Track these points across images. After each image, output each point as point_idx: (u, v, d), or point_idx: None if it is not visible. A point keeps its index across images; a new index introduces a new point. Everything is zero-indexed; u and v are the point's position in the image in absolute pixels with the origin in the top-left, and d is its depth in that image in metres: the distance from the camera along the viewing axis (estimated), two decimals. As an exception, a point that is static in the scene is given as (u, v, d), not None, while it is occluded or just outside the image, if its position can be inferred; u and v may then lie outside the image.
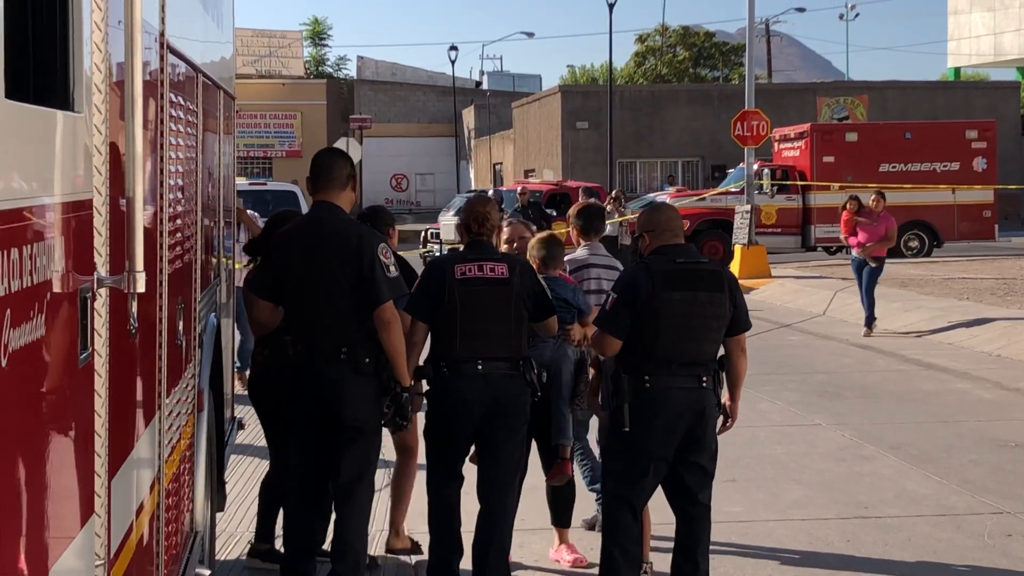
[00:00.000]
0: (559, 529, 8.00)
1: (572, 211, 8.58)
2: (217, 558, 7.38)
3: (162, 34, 4.54)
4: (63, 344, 2.97)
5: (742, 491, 9.58)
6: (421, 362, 7.04)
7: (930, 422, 12.36)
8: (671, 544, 6.87)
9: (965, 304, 21.01)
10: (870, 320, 19.12)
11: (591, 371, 7.40)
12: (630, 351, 6.56)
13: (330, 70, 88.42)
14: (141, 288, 3.25)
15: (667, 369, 6.52)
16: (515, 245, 7.76)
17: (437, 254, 27.97)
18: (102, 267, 3.31)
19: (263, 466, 9.18)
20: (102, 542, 3.32)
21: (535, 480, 7.93)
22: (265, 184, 27.52)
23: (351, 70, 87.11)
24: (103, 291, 3.31)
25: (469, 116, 75.41)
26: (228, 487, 8.11)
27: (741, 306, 6.73)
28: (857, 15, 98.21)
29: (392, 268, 6.49)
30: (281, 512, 7.37)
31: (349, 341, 6.45)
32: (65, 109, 3.04)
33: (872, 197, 19.29)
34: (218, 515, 7.43)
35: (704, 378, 6.57)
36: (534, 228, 8.34)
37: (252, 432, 10.32)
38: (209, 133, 6.64)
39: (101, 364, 3.32)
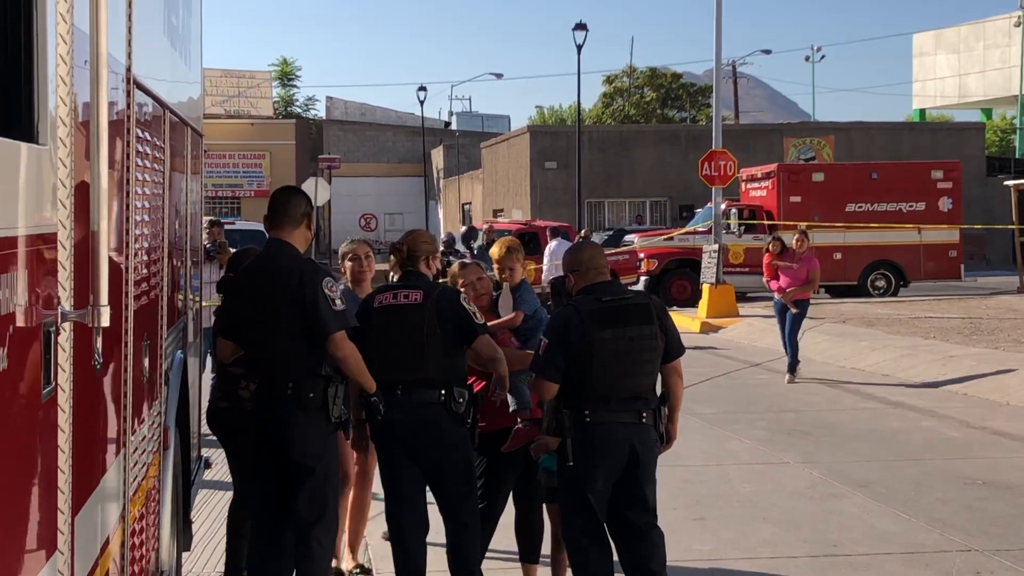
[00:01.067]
0: (525, 565, 7.88)
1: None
2: (182, 598, 7.31)
3: (128, 69, 4.52)
4: (25, 378, 2.93)
5: (711, 530, 9.56)
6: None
7: (898, 460, 12.37)
8: None
9: (932, 343, 21.09)
10: (793, 366, 18.17)
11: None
12: (569, 388, 6.72)
13: (299, 110, 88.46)
14: (105, 322, 3.23)
15: (606, 405, 6.67)
16: (477, 288, 7.85)
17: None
18: (66, 301, 3.29)
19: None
20: (64, 580, 3.28)
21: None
22: (234, 223, 27.46)
23: (320, 110, 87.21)
24: (67, 325, 3.28)
25: (438, 156, 75.50)
26: (195, 526, 8.07)
27: (672, 334, 6.91)
28: (823, 57, 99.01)
29: (338, 301, 6.60)
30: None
31: (294, 377, 6.57)
32: (30, 141, 3.01)
33: (795, 237, 18.49)
34: (184, 555, 7.38)
35: (644, 414, 6.73)
36: (484, 268, 8.30)
37: (219, 470, 10.24)
38: (176, 170, 6.61)
39: (64, 399, 3.28)
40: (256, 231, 25.76)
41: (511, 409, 7.58)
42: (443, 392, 7.00)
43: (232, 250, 12.60)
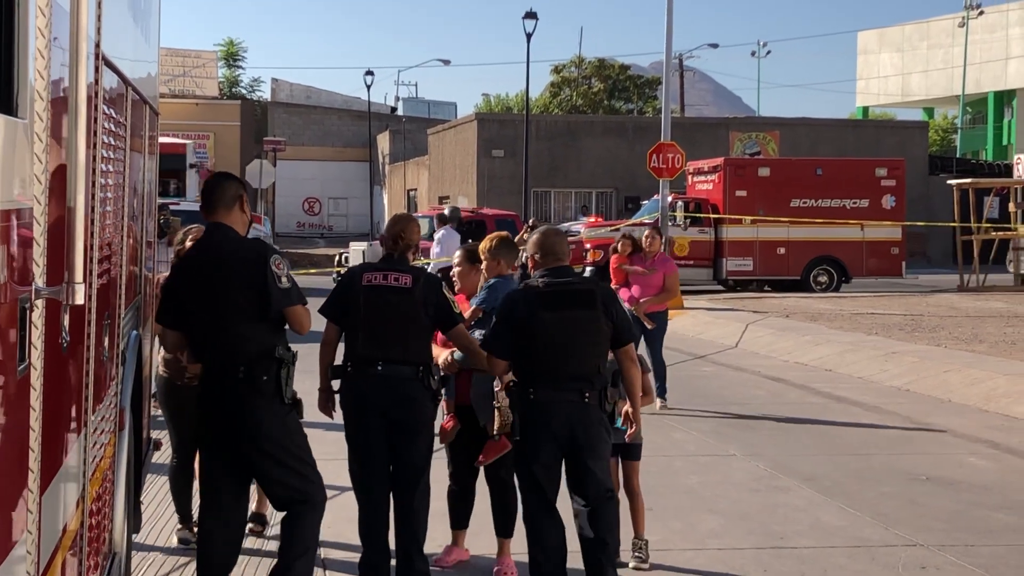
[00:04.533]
0: (501, 540, 8.25)
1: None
2: (131, 580, 7.26)
3: (98, 45, 4.47)
4: (3, 353, 2.89)
5: (658, 519, 9.57)
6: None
7: (842, 454, 12.47)
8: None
9: (874, 339, 21.26)
10: (662, 391, 14.62)
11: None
12: (519, 367, 7.23)
13: (244, 92, 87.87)
14: (80, 300, 3.19)
15: (551, 383, 7.12)
16: (470, 277, 8.41)
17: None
18: (40, 278, 3.24)
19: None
20: (32, 559, 3.24)
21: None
22: (178, 203, 27.25)
23: (265, 92, 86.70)
24: (40, 302, 3.24)
25: (384, 141, 75.29)
26: (142, 508, 8.02)
27: (621, 319, 7.29)
28: (768, 52, 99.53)
29: (284, 279, 6.70)
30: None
31: (246, 360, 6.65)
32: (9, 114, 2.97)
33: (646, 233, 15.02)
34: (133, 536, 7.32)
35: (587, 393, 7.11)
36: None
37: (164, 453, 10.17)
38: (136, 149, 6.55)
39: (36, 377, 3.24)
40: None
41: (482, 424, 7.97)
42: (421, 369, 7.42)
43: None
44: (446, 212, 27.99)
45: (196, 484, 8.52)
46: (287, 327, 6.82)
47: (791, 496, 10.66)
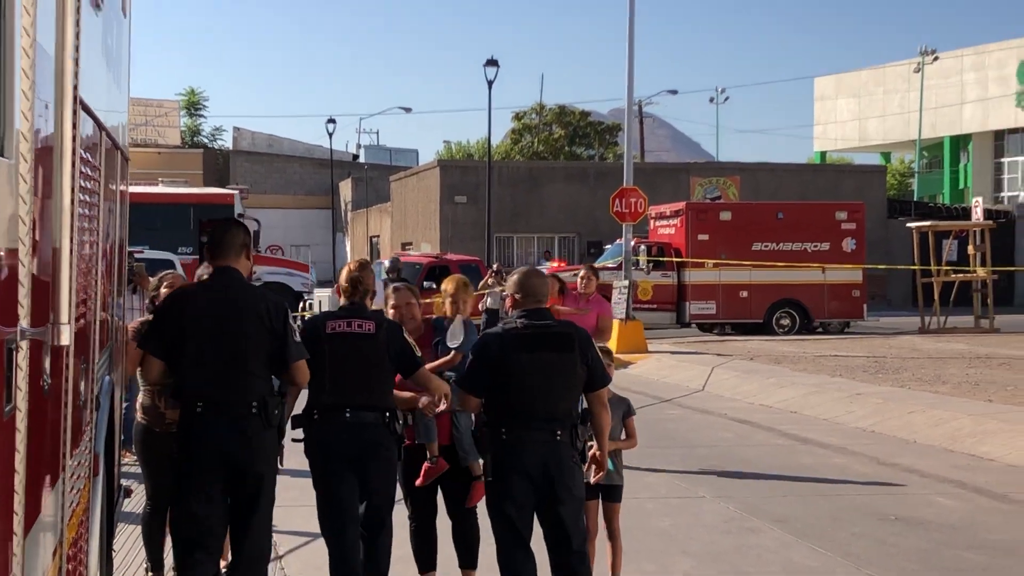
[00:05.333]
0: (466, 572, 8.41)
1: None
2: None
3: (75, 87, 4.46)
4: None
5: (632, 562, 9.56)
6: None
7: (811, 495, 12.49)
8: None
9: (838, 381, 21.35)
10: None
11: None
12: (491, 406, 7.24)
13: (205, 141, 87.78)
14: (66, 341, 3.18)
15: (523, 423, 7.14)
16: (402, 311, 8.29)
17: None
18: (24, 319, 3.23)
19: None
20: (17, 603, 3.22)
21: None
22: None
23: (227, 141, 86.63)
24: (24, 344, 3.22)
25: (346, 189, 75.31)
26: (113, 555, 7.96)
27: (595, 364, 7.33)
28: (727, 98, 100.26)
29: (297, 334, 7.12)
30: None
31: (258, 396, 6.93)
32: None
33: (582, 274, 14.14)
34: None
35: (559, 432, 7.14)
36: (419, 296, 8.69)
37: (135, 501, 10.10)
38: (109, 194, 6.54)
39: (21, 419, 3.22)
40: (164, 260, 25.66)
41: (417, 441, 8.14)
42: (387, 415, 7.56)
43: (150, 278, 12.51)
44: (386, 263, 27.90)
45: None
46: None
47: (762, 537, 10.67)
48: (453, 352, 8.21)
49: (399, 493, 8.11)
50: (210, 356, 6.92)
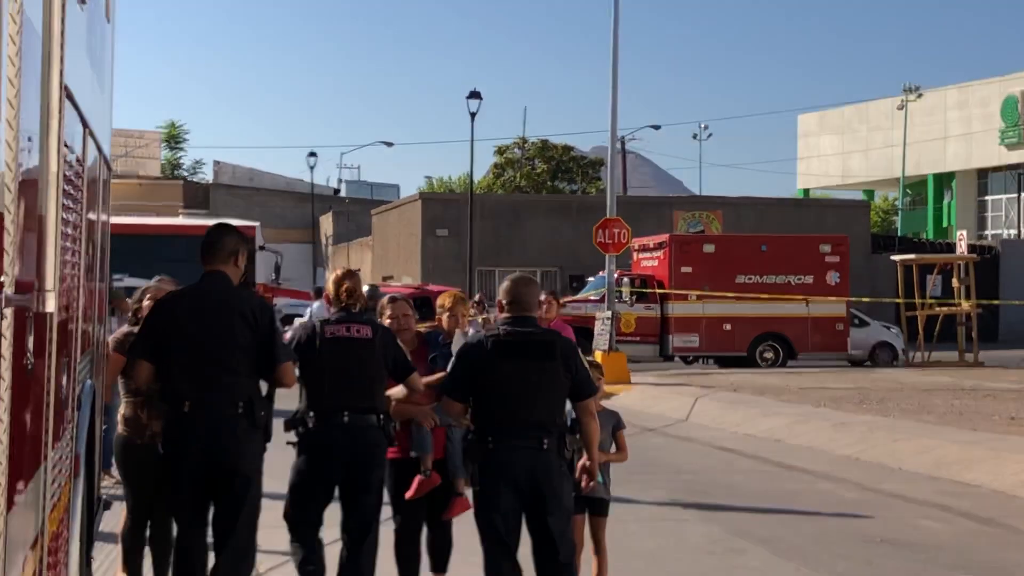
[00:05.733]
0: (437, 575, 8.50)
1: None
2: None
3: (61, 73, 4.40)
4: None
5: (616, 581, 9.49)
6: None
7: (796, 519, 12.43)
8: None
9: (823, 411, 21.31)
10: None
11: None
12: (477, 415, 7.23)
13: (185, 174, 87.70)
14: (51, 308, 3.11)
15: (508, 432, 7.10)
16: (399, 322, 8.34)
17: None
18: (9, 287, 3.16)
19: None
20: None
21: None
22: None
23: (207, 174, 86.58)
24: (8, 312, 3.15)
25: (327, 223, 75.18)
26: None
27: (581, 373, 7.28)
28: (710, 135, 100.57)
29: (283, 336, 7.23)
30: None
31: (246, 397, 7.00)
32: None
33: (543, 298, 11.73)
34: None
35: (545, 441, 7.08)
36: (414, 309, 8.74)
37: (113, 522, 9.99)
38: (92, 193, 6.48)
39: (4, 388, 3.15)
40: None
41: (411, 455, 8.17)
42: (381, 417, 7.67)
43: (128, 300, 12.44)
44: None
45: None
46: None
47: (747, 558, 10.59)
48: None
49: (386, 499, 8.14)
50: (196, 357, 7.01)
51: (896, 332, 36.07)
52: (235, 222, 44.39)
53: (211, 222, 36.19)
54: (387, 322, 8.24)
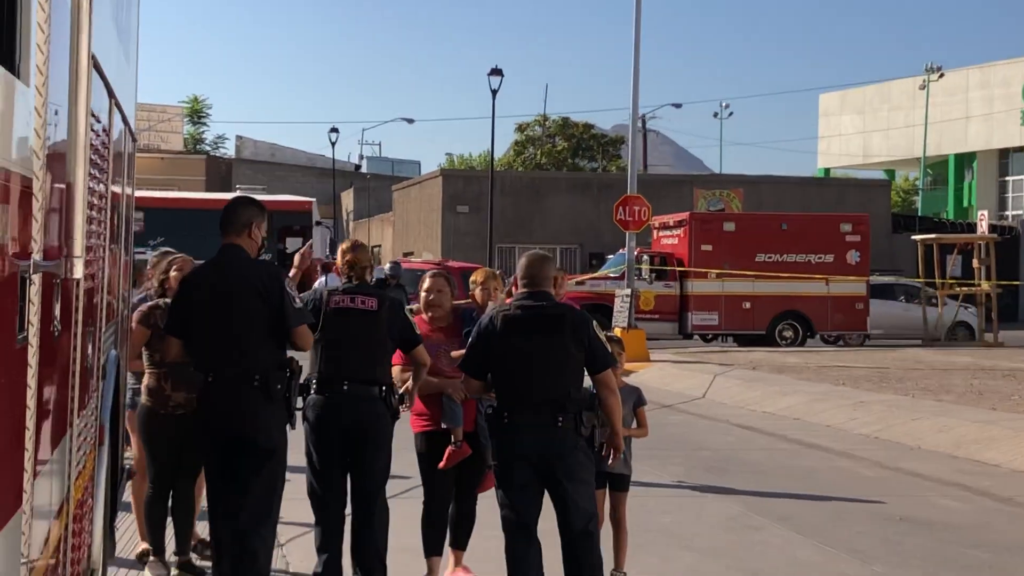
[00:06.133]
0: (455, 552, 8.56)
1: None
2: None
3: (89, 42, 4.42)
4: (5, 315, 2.83)
5: (634, 556, 9.48)
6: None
7: (815, 496, 12.43)
8: None
9: (842, 389, 21.29)
10: None
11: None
12: (496, 391, 7.29)
13: (208, 149, 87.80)
14: (79, 274, 3.14)
15: (523, 407, 7.12)
16: (431, 297, 8.45)
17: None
18: (37, 253, 3.19)
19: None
20: (26, 540, 3.17)
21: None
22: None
23: (229, 149, 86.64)
24: (37, 277, 3.18)
25: (348, 198, 75.25)
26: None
27: (594, 346, 7.23)
28: (731, 113, 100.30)
29: (298, 300, 7.21)
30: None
31: (261, 369, 7.04)
32: (12, 73, 2.92)
33: (478, 277, 11.48)
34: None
35: (560, 417, 7.07)
36: (454, 284, 8.80)
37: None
38: (118, 164, 6.51)
39: (32, 354, 3.18)
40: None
41: (443, 425, 8.21)
42: (383, 388, 7.73)
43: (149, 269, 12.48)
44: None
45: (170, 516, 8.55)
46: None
47: (766, 535, 10.61)
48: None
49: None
50: (214, 332, 7.11)
51: (972, 311, 35.81)
52: (291, 198, 44.28)
53: (267, 198, 36.08)
54: (422, 295, 8.40)
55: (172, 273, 8.54)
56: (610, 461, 7.65)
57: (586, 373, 7.31)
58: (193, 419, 7.34)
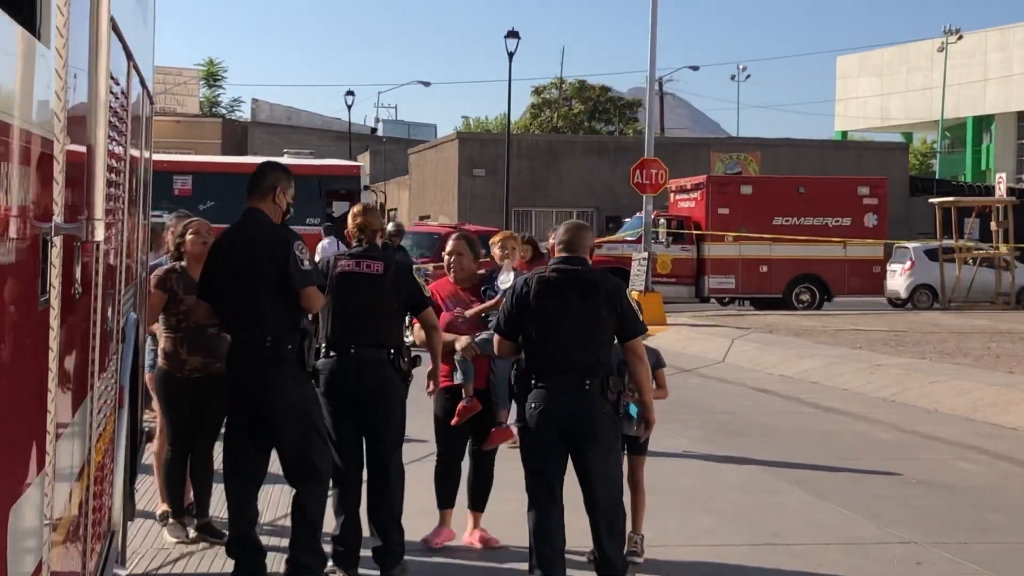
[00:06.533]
0: (474, 514, 8.68)
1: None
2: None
3: (108, 4, 4.41)
4: (28, 277, 2.83)
5: (653, 518, 9.47)
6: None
7: (832, 459, 12.43)
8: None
9: (859, 353, 21.27)
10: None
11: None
12: (525, 354, 7.32)
13: (224, 112, 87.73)
14: (100, 237, 3.14)
15: (552, 370, 7.17)
16: (452, 259, 8.66)
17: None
18: (58, 216, 3.19)
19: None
20: (49, 502, 3.18)
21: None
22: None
23: (245, 112, 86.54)
24: (58, 240, 3.18)
25: (364, 162, 75.13)
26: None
27: (626, 313, 7.28)
28: (748, 76, 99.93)
29: (306, 262, 7.21)
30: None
31: (273, 332, 7.12)
32: (35, 36, 2.91)
33: (498, 240, 9.65)
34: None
35: (587, 381, 7.12)
36: (477, 246, 8.99)
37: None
38: (136, 127, 6.51)
39: (54, 317, 3.18)
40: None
41: (455, 381, 8.40)
42: (391, 352, 7.78)
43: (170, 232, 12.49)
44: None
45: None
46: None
47: (783, 497, 10.62)
48: (499, 295, 8.42)
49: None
50: (232, 295, 7.23)
51: None
52: (340, 162, 44.40)
53: (315, 162, 36.36)
54: (445, 257, 8.62)
55: (188, 237, 8.57)
56: (642, 437, 7.86)
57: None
58: (224, 381, 7.47)
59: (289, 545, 7.42)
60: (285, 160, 39.41)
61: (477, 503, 8.66)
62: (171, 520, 8.60)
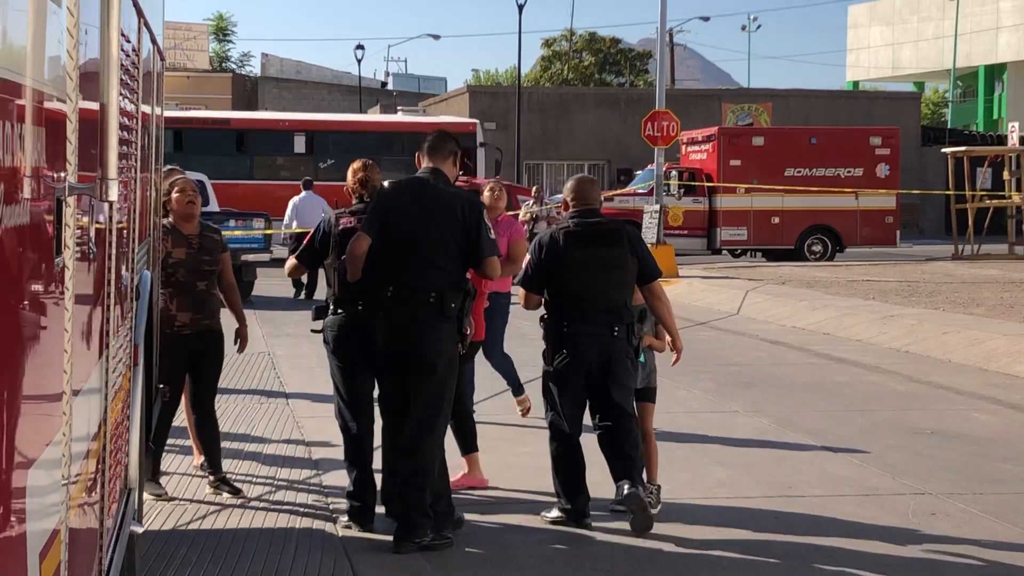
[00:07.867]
0: (467, 458, 8.98)
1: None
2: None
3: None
4: (44, 238, 2.83)
5: (666, 471, 9.49)
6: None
7: (846, 411, 12.45)
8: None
9: (871, 303, 21.25)
10: (517, 386, 11.66)
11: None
12: (553, 302, 7.91)
13: (233, 67, 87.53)
14: (114, 196, 3.13)
15: (581, 316, 7.77)
16: (490, 200, 9.81)
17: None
18: (72, 175, 3.18)
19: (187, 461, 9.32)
20: (66, 461, 3.19)
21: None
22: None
23: (255, 67, 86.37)
24: (72, 200, 3.18)
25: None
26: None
27: (645, 258, 7.99)
28: (759, 26, 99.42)
29: (492, 232, 7.57)
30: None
31: (439, 288, 7.33)
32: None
33: (490, 186, 10.84)
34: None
35: (616, 327, 7.74)
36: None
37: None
38: (147, 84, 6.48)
39: (69, 276, 3.18)
40: (197, 180, 25.52)
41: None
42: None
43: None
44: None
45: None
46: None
47: (797, 449, 10.64)
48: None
49: None
50: (404, 247, 7.38)
51: None
52: (453, 119, 44.83)
53: (427, 120, 36.91)
54: (484, 195, 9.66)
55: (174, 195, 8.59)
56: (673, 361, 8.24)
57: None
58: (369, 330, 7.51)
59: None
60: (400, 118, 39.78)
61: (466, 447, 8.96)
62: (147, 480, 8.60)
